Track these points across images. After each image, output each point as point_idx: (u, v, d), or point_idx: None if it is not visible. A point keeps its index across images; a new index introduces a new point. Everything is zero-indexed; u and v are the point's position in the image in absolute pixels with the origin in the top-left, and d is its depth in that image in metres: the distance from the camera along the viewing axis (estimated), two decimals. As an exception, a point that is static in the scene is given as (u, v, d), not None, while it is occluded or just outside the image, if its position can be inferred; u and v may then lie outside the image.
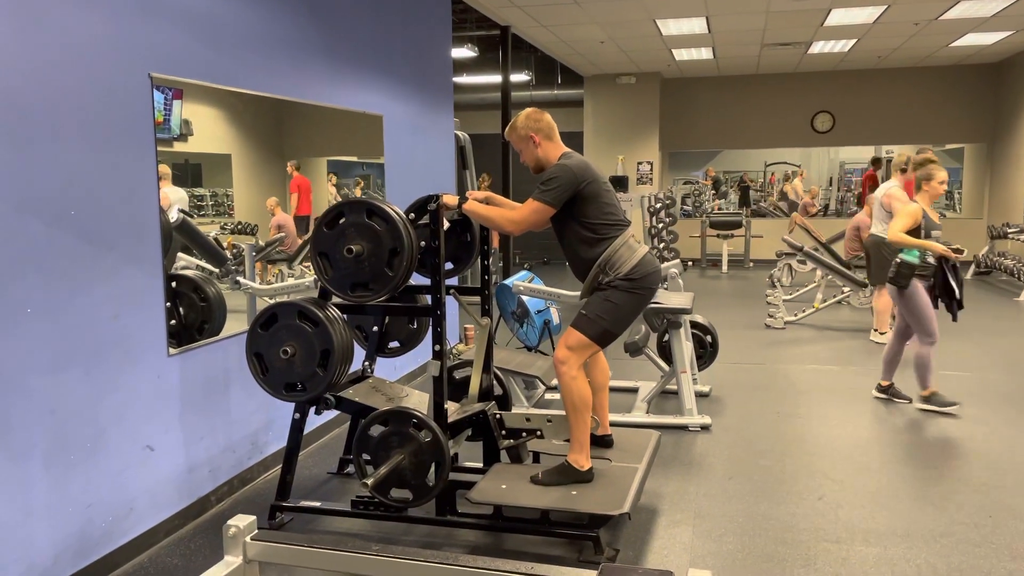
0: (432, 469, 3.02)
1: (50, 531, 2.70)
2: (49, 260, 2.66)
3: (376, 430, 3.06)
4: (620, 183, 10.89)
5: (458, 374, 3.81)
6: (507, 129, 3.38)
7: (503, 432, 3.29)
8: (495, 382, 3.66)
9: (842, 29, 8.92)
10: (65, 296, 2.73)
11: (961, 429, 4.52)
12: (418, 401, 3.42)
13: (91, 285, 2.84)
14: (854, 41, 9.70)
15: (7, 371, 2.52)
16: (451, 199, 3.15)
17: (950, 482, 3.77)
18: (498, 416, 3.29)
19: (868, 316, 7.53)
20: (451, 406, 3.34)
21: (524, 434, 3.29)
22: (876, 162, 12.16)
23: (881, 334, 6.80)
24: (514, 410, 4.03)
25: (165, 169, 3.22)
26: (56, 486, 2.71)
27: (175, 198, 3.36)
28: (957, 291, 4.65)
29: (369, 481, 2.92)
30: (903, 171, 6.47)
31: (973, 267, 10.56)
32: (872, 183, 11.44)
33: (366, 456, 3.08)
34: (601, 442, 3.47)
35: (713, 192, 15.55)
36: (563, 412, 3.22)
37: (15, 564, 2.57)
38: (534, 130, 3.29)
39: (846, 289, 7.94)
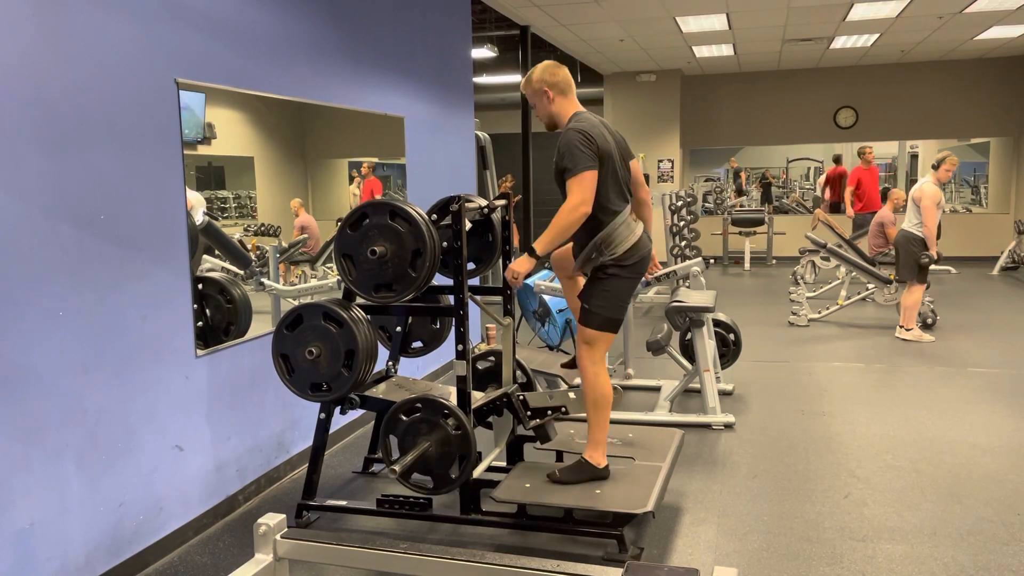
0: (459, 456, 3.04)
1: (83, 529, 2.75)
2: (80, 263, 2.71)
3: (404, 418, 3.09)
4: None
5: (480, 365, 3.85)
6: (523, 81, 3.31)
7: (528, 413, 3.31)
8: (518, 369, 3.68)
9: (865, 24, 8.82)
10: (95, 298, 2.78)
11: (988, 426, 4.47)
12: (443, 393, 3.45)
13: (120, 287, 2.89)
14: (877, 36, 9.60)
15: (42, 372, 2.58)
16: (523, 266, 3.14)
17: (977, 479, 3.73)
18: (522, 397, 3.31)
19: (893, 313, 7.46)
20: (475, 394, 3.37)
21: (549, 412, 3.31)
22: (838, 160, 12.18)
23: (907, 331, 6.73)
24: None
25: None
26: (89, 485, 2.77)
27: (194, 201, 3.40)
28: None
29: (397, 467, 2.95)
30: (935, 168, 6.69)
31: (1000, 263, 10.41)
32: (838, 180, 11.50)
33: (393, 442, 3.12)
34: None
35: (734, 190, 15.44)
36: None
37: (50, 561, 2.62)
38: (549, 84, 3.22)
39: (870, 286, 7.86)
